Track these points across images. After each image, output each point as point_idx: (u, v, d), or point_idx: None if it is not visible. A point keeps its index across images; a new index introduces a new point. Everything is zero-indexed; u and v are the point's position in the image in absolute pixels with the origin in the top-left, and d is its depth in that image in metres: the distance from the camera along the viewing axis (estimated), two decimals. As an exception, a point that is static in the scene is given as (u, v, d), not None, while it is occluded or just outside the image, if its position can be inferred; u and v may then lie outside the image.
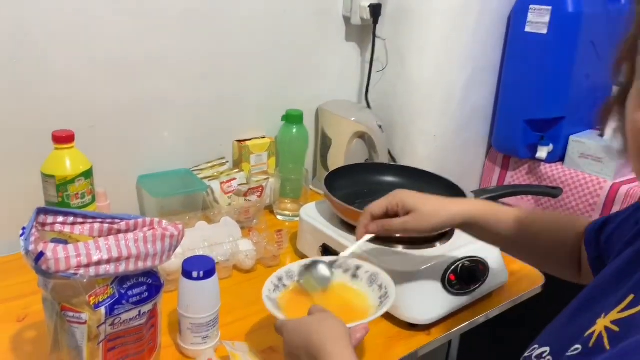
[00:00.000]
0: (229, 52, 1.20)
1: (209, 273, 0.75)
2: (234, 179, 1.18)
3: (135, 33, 1.06)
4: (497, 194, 1.02)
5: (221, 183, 1.15)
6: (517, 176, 1.41)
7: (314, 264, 0.80)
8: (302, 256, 1.04)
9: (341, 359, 0.58)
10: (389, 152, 1.38)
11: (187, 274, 0.75)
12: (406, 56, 1.31)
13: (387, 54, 1.34)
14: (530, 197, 1.38)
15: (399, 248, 0.94)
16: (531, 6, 1.25)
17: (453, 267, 0.90)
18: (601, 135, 1.30)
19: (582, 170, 1.29)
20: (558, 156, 1.34)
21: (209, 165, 1.22)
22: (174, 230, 0.68)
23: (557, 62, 1.26)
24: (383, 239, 0.91)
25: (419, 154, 1.35)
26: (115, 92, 1.07)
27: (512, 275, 1.02)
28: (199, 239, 0.98)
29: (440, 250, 0.93)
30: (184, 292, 0.76)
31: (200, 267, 0.75)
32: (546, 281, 1.04)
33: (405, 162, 1.36)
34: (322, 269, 0.79)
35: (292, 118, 1.26)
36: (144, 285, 0.69)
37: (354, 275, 0.81)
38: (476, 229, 0.80)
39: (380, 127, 1.31)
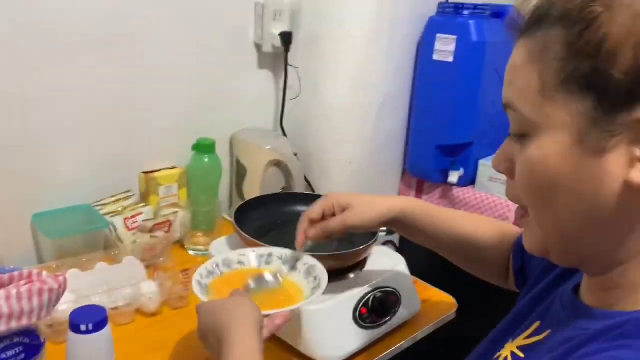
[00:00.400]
0: (136, 80, 1.14)
1: (99, 325, 0.69)
2: (140, 213, 1.11)
3: (29, 60, 0.99)
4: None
5: (125, 219, 1.09)
6: (430, 200, 1.43)
7: (270, 257, 0.82)
8: (212, 294, 0.99)
9: (241, 345, 0.57)
10: (306, 180, 1.36)
11: (74, 327, 0.69)
12: (319, 83, 1.31)
13: (300, 82, 1.33)
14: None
15: (310, 282, 0.91)
16: (438, 35, 1.29)
17: (364, 299, 0.89)
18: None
19: (492, 193, 1.33)
20: (469, 180, 1.37)
21: (113, 199, 1.15)
22: (54, 283, 0.62)
23: (464, 89, 1.29)
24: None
25: (335, 180, 1.34)
26: (3, 124, 0.99)
27: (425, 303, 1.02)
28: (97, 282, 0.91)
29: (352, 283, 0.92)
30: (71, 347, 0.70)
31: (89, 319, 0.69)
32: (459, 307, 1.05)
33: (322, 190, 1.35)
34: (271, 278, 0.78)
35: (204, 147, 1.22)
36: (19, 345, 0.62)
37: (293, 268, 0.82)
38: (408, 226, 0.80)
39: (295, 154, 1.29)
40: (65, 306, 0.81)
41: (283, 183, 1.32)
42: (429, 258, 0.94)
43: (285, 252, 0.83)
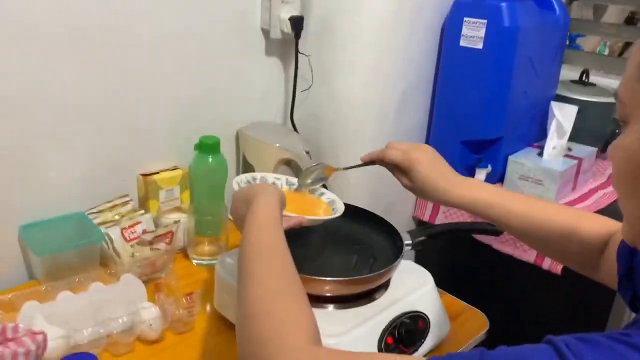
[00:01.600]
0: (132, 75, 1.03)
1: (89, 376, 0.60)
2: (138, 222, 1.01)
3: (13, 62, 0.88)
4: (432, 233, 0.91)
5: (122, 229, 0.98)
6: (455, 198, 1.32)
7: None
8: (221, 319, 0.89)
9: (264, 204, 0.65)
10: (319, 179, 1.25)
11: (62, 379, 0.60)
12: (333, 73, 1.19)
13: (312, 72, 1.21)
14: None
15: (330, 308, 0.81)
16: (466, 19, 1.16)
17: (390, 327, 0.79)
18: (540, 154, 1.21)
19: (522, 192, 1.22)
20: (497, 177, 1.26)
21: (109, 205, 1.05)
22: (31, 344, 0.53)
23: (494, 79, 1.17)
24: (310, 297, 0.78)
25: (350, 181, 1.23)
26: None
27: (454, 321, 0.92)
28: (92, 307, 0.82)
29: (376, 307, 0.81)
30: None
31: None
32: (491, 326, 0.96)
33: (336, 189, 1.24)
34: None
35: (207, 147, 1.10)
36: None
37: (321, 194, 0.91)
38: (483, 216, 0.78)
39: (307, 152, 1.18)
40: (55, 343, 0.72)
41: (294, 183, 1.21)
42: (445, 262, 0.85)
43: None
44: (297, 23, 1.16)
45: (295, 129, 1.27)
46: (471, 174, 1.24)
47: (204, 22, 1.11)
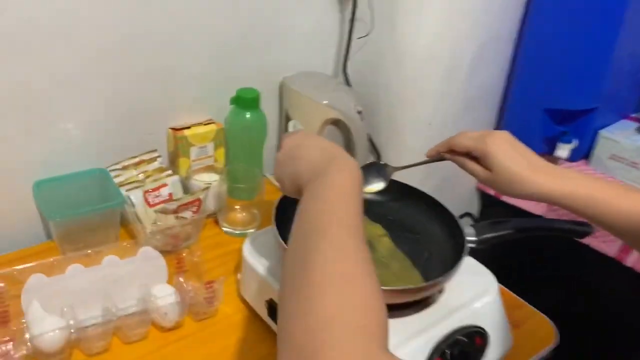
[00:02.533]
0: (160, 12, 0.89)
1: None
2: (164, 185, 0.90)
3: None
4: (500, 234, 0.75)
5: (145, 192, 0.88)
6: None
7: None
8: (247, 305, 0.79)
9: (348, 173, 0.50)
10: (371, 142, 1.10)
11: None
12: (397, 20, 1.00)
13: (372, 16, 1.02)
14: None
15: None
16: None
17: (441, 346, 0.66)
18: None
19: (612, 176, 1.02)
20: (582, 154, 1.07)
21: (135, 161, 0.94)
22: None
23: (596, 36, 0.95)
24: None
25: (408, 146, 1.07)
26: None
27: (517, 329, 0.78)
28: (102, 285, 0.72)
29: (426, 318, 0.68)
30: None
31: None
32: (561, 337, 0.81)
33: (391, 156, 1.09)
34: None
35: (244, 101, 0.96)
36: None
37: None
38: (578, 214, 0.61)
39: (359, 113, 1.02)
40: (52, 334, 0.63)
41: (342, 146, 1.06)
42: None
43: None
44: (358, -45, 0.97)
45: (347, 82, 1.10)
46: (550, 149, 1.05)
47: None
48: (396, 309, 0.68)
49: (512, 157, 0.64)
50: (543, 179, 0.63)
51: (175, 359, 0.71)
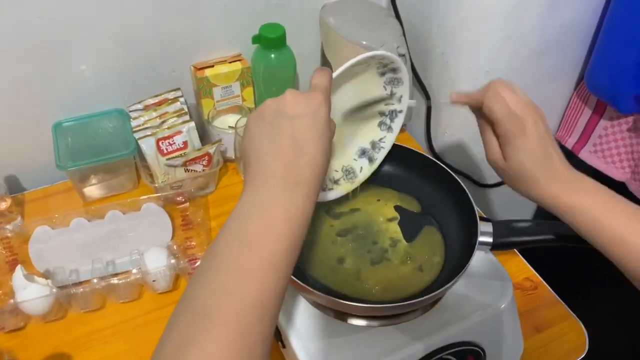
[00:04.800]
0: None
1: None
2: (179, 132, 0.85)
3: None
4: (524, 237, 0.62)
5: (157, 140, 0.84)
6: (612, 131, 0.94)
7: None
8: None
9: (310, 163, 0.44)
10: (421, 85, 0.95)
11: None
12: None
13: None
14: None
15: (352, 321, 0.61)
16: None
17: (423, 365, 0.59)
18: None
19: None
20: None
21: (156, 100, 0.90)
22: None
23: None
24: (335, 312, 0.60)
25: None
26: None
27: (539, 335, 0.69)
28: (105, 240, 0.74)
29: (416, 329, 0.60)
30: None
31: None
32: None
33: (443, 102, 0.94)
34: None
35: (268, 41, 0.86)
36: None
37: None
38: (580, 234, 0.52)
39: (403, 56, 0.87)
40: (39, 301, 0.65)
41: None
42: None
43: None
44: None
45: (396, 13, 0.93)
46: (637, 110, 0.84)
47: None
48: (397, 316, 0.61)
49: (536, 154, 0.53)
50: (555, 185, 0.52)
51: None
